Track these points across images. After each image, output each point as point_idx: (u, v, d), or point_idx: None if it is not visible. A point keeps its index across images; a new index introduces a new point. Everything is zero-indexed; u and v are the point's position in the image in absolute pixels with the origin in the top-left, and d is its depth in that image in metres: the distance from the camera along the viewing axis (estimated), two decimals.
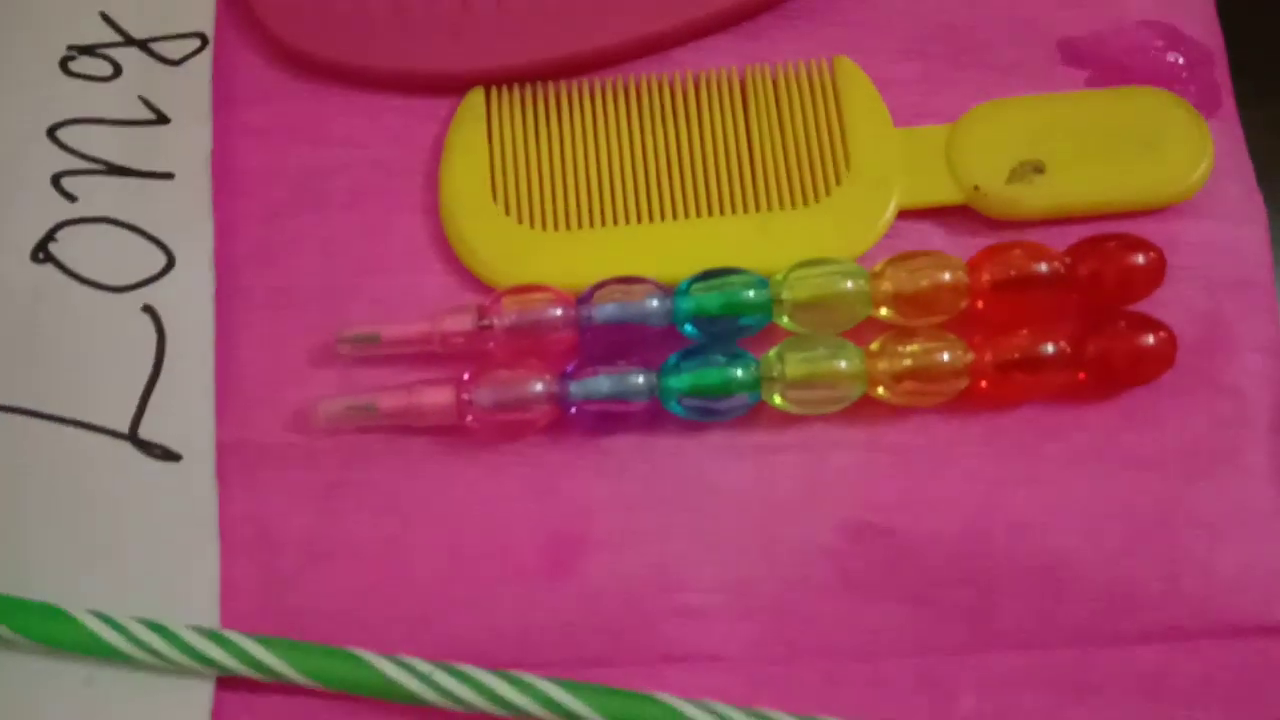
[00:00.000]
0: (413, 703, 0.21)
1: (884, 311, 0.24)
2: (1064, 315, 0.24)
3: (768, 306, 0.23)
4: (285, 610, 0.23)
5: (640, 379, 0.23)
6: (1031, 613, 0.22)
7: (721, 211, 0.25)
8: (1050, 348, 0.23)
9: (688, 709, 0.21)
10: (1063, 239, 0.24)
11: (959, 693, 0.22)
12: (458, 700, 0.21)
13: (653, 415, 0.23)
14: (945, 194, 0.25)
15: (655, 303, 0.24)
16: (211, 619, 0.22)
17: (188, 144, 0.25)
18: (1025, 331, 0.23)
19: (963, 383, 0.23)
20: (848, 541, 0.23)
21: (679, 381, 0.23)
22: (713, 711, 0.21)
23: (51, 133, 0.25)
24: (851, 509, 0.23)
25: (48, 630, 0.22)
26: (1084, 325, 0.23)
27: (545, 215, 0.25)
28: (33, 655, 0.22)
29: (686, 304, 0.23)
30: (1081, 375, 0.23)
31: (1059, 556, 0.22)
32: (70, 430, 0.23)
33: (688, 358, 0.23)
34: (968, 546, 0.22)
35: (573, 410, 0.23)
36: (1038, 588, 0.22)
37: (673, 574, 0.23)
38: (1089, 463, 0.23)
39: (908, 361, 0.23)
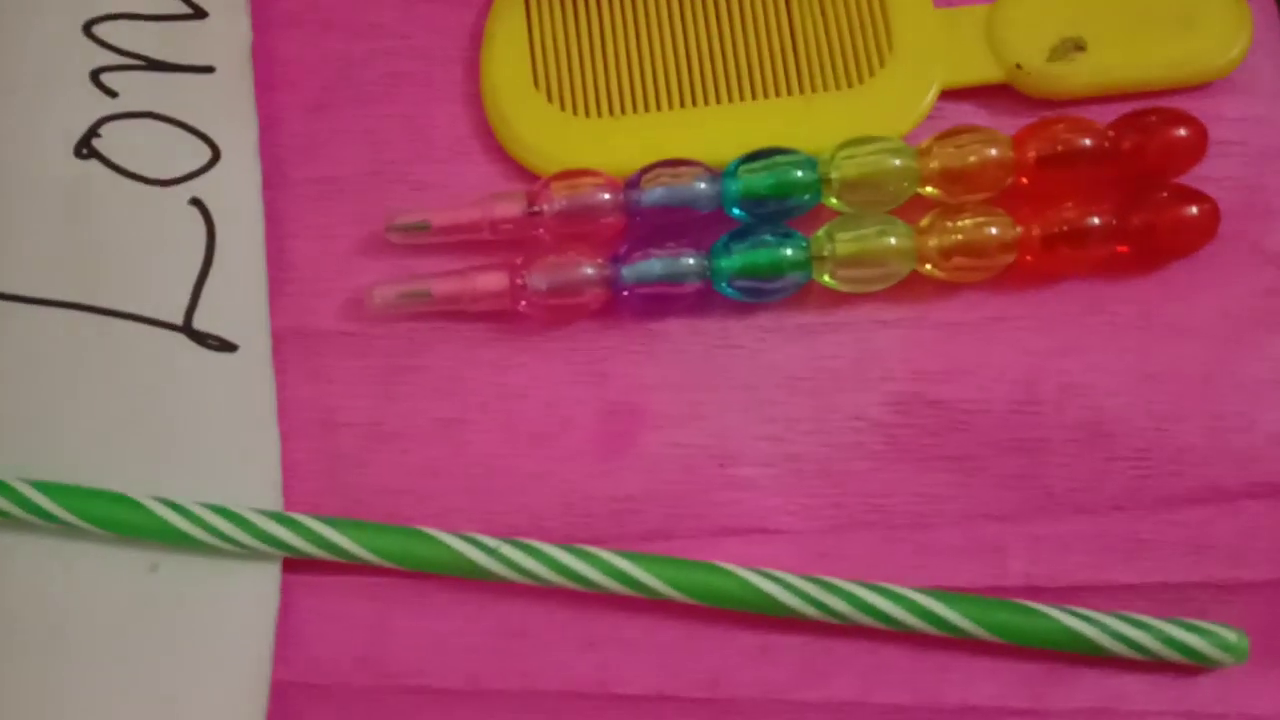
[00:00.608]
0: (479, 577, 0.22)
1: (929, 189, 0.24)
2: (1107, 190, 0.24)
3: (816, 186, 0.23)
4: (347, 491, 0.23)
5: (691, 261, 0.23)
6: (1079, 477, 0.23)
7: (765, 95, 0.25)
8: (1095, 220, 0.23)
9: (752, 577, 0.22)
10: (1102, 118, 0.24)
11: (1009, 556, 0.22)
12: (524, 572, 0.22)
13: (702, 297, 0.24)
14: (987, 73, 0.25)
15: (703, 185, 0.24)
16: (274, 501, 0.23)
17: (227, 37, 0.25)
18: (1070, 205, 0.24)
19: (1010, 257, 0.23)
20: (897, 413, 0.23)
21: (730, 262, 0.23)
22: (775, 579, 0.22)
23: (88, 29, 0.25)
24: (900, 382, 0.23)
25: (114, 516, 0.22)
26: (1127, 199, 0.24)
27: (588, 101, 0.25)
28: (98, 543, 0.22)
29: (735, 186, 0.23)
30: (1124, 248, 0.24)
31: (1106, 421, 0.23)
32: (124, 324, 0.23)
33: (738, 239, 0.23)
34: (1015, 414, 0.23)
35: (624, 294, 0.23)
36: (1085, 452, 0.23)
37: (726, 449, 0.23)
38: (1134, 332, 0.23)
39: (958, 236, 0.23)
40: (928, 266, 0.23)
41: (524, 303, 0.23)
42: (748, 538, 0.23)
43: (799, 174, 0.23)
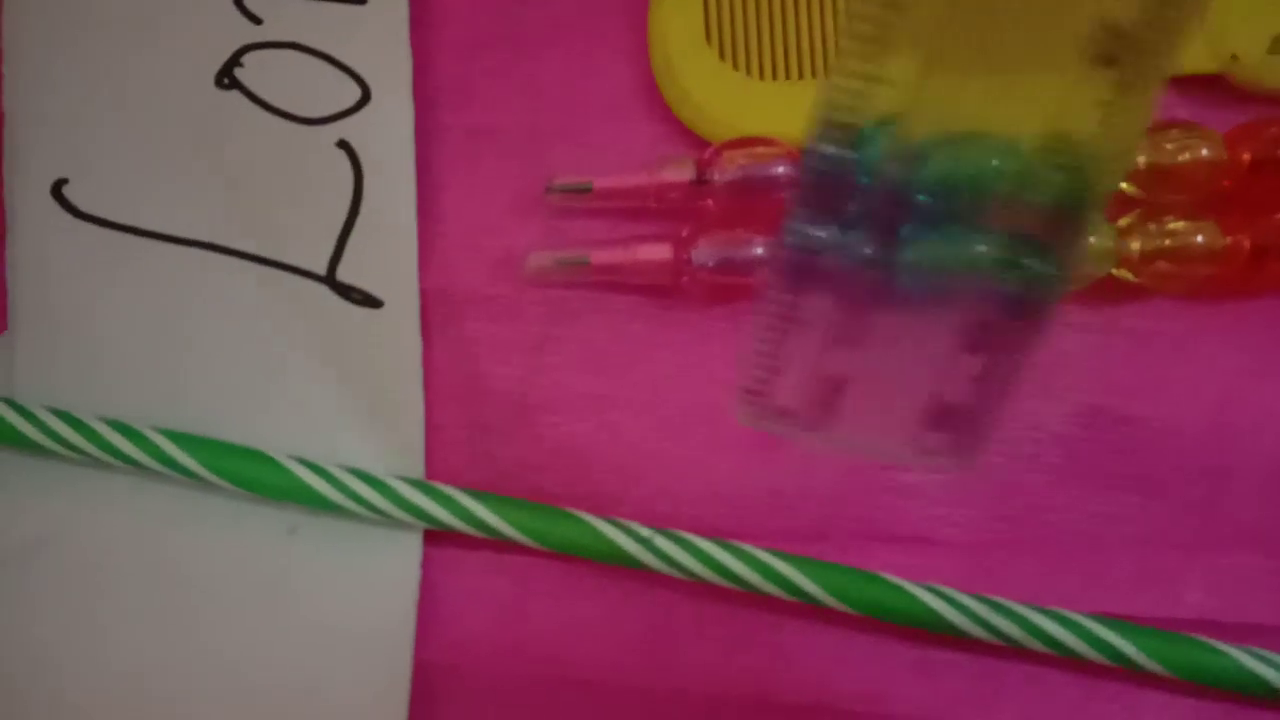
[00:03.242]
0: (629, 565, 0.21)
1: (1126, 186, 0.22)
2: None
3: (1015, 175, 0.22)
4: (489, 462, 0.22)
5: (869, 251, 0.22)
6: (1268, 510, 0.21)
7: (964, 69, 0.23)
8: None
9: (919, 592, 0.20)
10: None
11: (1185, 586, 0.21)
12: (677, 566, 0.21)
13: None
14: (1197, 61, 0.23)
15: (895, 164, 0.22)
16: (416, 468, 0.22)
17: None
18: None
19: (1214, 268, 0.22)
20: (1079, 426, 0.22)
21: (918, 254, 0.22)
22: (943, 595, 0.21)
23: None
24: (1085, 393, 0.22)
25: (250, 474, 0.21)
26: None
27: (765, 61, 0.23)
28: (232, 499, 0.21)
29: (927, 169, 0.22)
30: None
31: None
32: (262, 269, 0.22)
33: (925, 230, 0.22)
34: (1206, 436, 0.21)
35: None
36: (1276, 485, 0.21)
37: None
38: None
39: (1164, 241, 0.21)
40: (1122, 270, 0.22)
41: (686, 278, 0.22)
42: (907, 546, 0.21)
43: (998, 162, 0.22)
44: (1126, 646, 0.20)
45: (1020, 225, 0.18)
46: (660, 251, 0.22)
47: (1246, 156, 0.22)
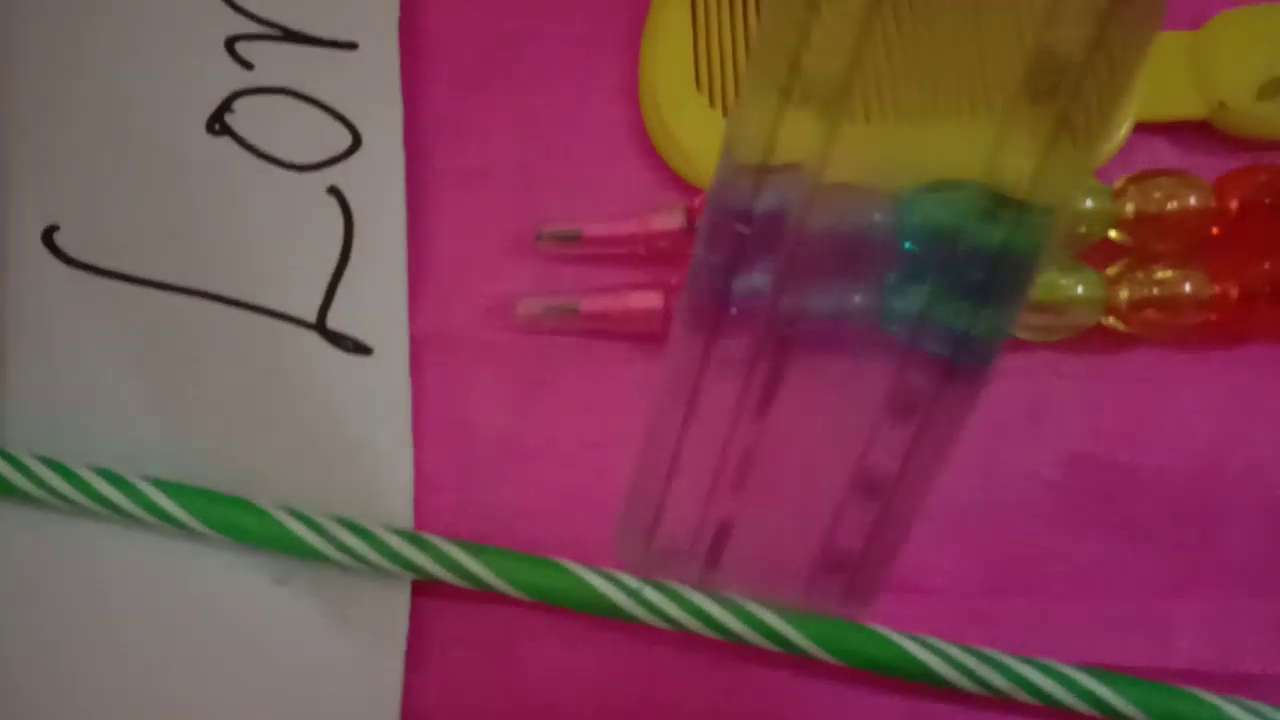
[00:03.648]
0: (618, 617, 0.21)
1: (1113, 234, 0.22)
2: None
3: None
4: (478, 509, 0.22)
5: (858, 299, 0.22)
6: (1259, 555, 0.21)
7: (945, 116, 0.23)
8: None
9: (907, 644, 0.20)
10: None
11: (1176, 634, 0.21)
12: (666, 618, 0.21)
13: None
14: (1186, 108, 0.23)
15: (878, 215, 0.22)
16: (405, 515, 0.22)
17: (372, 9, 0.23)
18: (1268, 265, 0.22)
19: (1203, 315, 0.22)
20: (1068, 473, 0.22)
21: (905, 305, 0.22)
22: (931, 647, 0.21)
23: None
24: (1073, 440, 0.22)
25: (237, 523, 0.21)
26: None
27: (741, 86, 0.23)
28: (221, 549, 0.21)
29: (913, 217, 0.22)
30: None
31: None
32: (252, 317, 0.22)
33: (914, 279, 0.22)
34: (1195, 483, 0.21)
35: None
36: (1267, 530, 0.21)
37: None
38: None
39: (1152, 290, 0.21)
40: (1111, 319, 0.22)
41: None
42: (897, 595, 0.21)
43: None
44: (1115, 699, 0.20)
45: (956, 279, 0.18)
46: (650, 300, 0.22)
47: (1235, 204, 0.22)
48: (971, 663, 0.21)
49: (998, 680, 0.20)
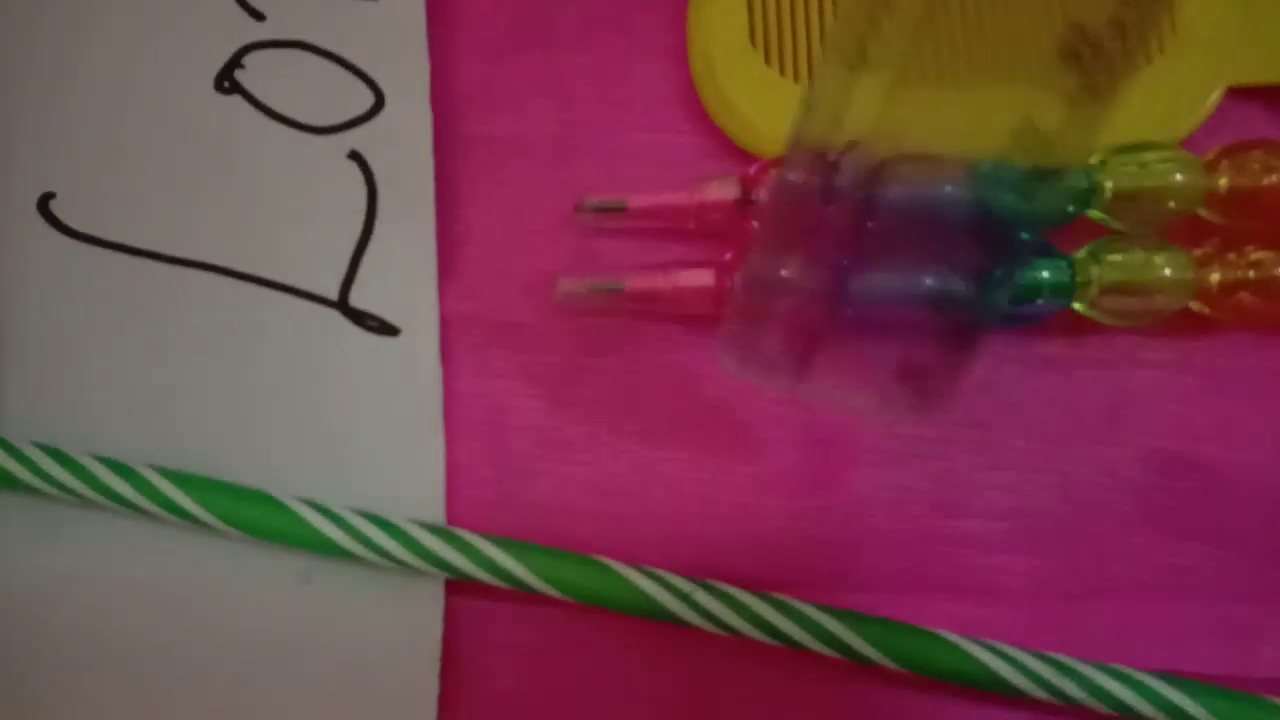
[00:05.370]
0: (667, 621, 0.19)
1: (1204, 211, 0.21)
2: None
3: (1085, 196, 0.20)
4: (514, 504, 0.20)
5: (929, 280, 0.20)
6: None
7: (1019, 79, 0.21)
8: None
9: (977, 651, 0.19)
10: None
11: (1262, 642, 0.20)
12: (720, 623, 0.19)
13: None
14: None
15: (950, 187, 0.20)
16: (436, 512, 0.20)
17: None
18: None
19: None
20: (1152, 473, 0.20)
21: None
22: (1003, 655, 0.19)
23: None
24: (1158, 436, 0.20)
25: (258, 520, 0.19)
26: None
27: (814, 66, 0.21)
28: (242, 544, 0.20)
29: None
30: None
31: None
32: (268, 293, 0.20)
33: None
34: None
35: (847, 310, 0.20)
36: None
37: (950, 496, 0.20)
38: None
39: (1248, 274, 0.20)
40: (1199, 303, 0.20)
41: (729, 307, 0.20)
42: (966, 597, 0.20)
43: (1066, 181, 0.20)
44: (1196, 710, 0.19)
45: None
46: (702, 278, 0.20)
47: None
48: (1046, 671, 0.19)
49: (1073, 690, 0.19)
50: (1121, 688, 0.19)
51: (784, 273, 0.18)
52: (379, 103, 0.21)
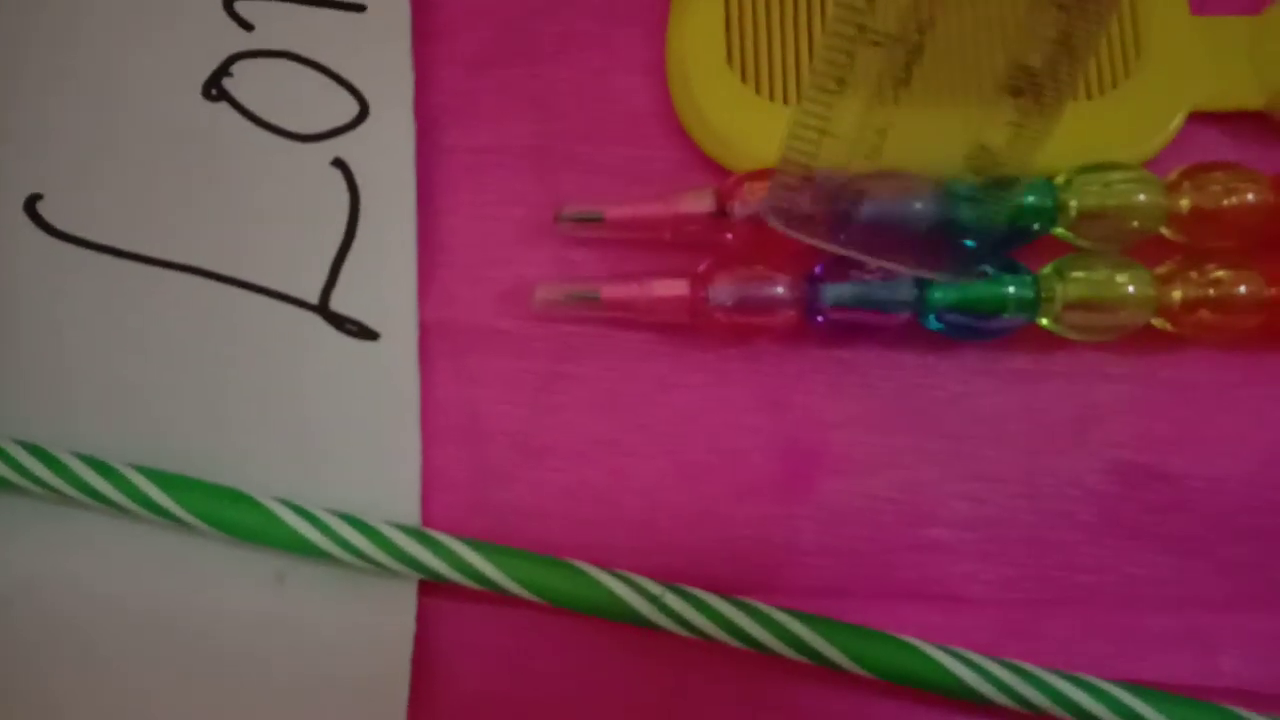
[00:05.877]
0: (637, 624, 0.20)
1: (1167, 230, 0.21)
2: None
3: (1049, 214, 0.21)
4: (489, 508, 0.21)
5: (899, 288, 0.21)
6: None
7: (991, 98, 0.22)
8: None
9: (941, 657, 0.19)
10: None
11: (1220, 652, 0.20)
12: (689, 626, 0.19)
13: (904, 328, 0.21)
14: (1244, 98, 0.22)
15: (920, 204, 0.21)
16: (411, 514, 0.20)
17: None
18: None
19: (1257, 318, 0.21)
20: (1116, 483, 0.21)
21: (945, 295, 0.20)
22: (967, 661, 0.19)
23: None
24: (1122, 448, 0.21)
25: (234, 519, 0.20)
26: None
27: (792, 86, 0.22)
28: (217, 542, 0.20)
29: (959, 206, 0.21)
30: None
31: None
32: (249, 296, 0.21)
33: None
34: (1247, 496, 0.20)
35: (819, 319, 0.21)
36: None
37: (917, 505, 0.21)
38: None
39: (1207, 291, 0.20)
40: (1161, 320, 0.21)
41: (703, 317, 0.21)
42: (932, 604, 0.20)
43: (1031, 199, 0.21)
44: (1157, 717, 0.19)
45: None
46: (676, 288, 0.21)
47: None
48: (1010, 678, 0.19)
49: (1036, 697, 0.19)
50: (1084, 695, 0.19)
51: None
52: (363, 112, 0.21)
